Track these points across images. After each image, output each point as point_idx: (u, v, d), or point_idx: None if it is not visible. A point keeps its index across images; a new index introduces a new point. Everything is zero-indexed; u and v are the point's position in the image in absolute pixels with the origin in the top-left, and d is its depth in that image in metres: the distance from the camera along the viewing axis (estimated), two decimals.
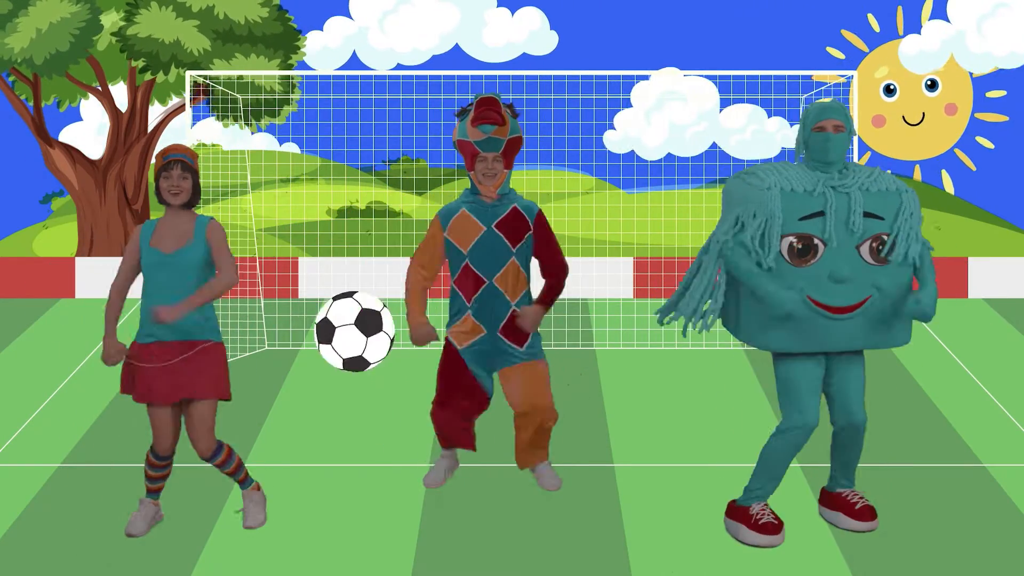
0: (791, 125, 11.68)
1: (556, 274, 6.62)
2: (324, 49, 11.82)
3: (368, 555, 5.96)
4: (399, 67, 11.79)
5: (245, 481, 6.35)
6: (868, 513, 6.22)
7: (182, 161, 6.06)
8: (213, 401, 6.10)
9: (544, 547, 6.05)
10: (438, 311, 6.87)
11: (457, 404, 6.72)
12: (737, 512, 6.20)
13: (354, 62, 11.81)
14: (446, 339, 6.71)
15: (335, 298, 7.95)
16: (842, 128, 5.92)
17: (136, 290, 6.17)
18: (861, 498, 6.27)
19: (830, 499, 6.38)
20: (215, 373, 6.09)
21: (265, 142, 11.86)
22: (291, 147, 11.80)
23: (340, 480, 6.95)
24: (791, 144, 11.67)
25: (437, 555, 5.96)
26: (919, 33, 11.59)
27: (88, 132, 11.87)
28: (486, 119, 6.43)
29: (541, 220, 6.60)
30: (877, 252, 5.84)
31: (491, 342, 6.62)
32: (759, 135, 11.66)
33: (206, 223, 6.09)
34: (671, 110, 11.66)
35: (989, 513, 6.47)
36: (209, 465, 6.34)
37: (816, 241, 5.80)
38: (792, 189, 5.83)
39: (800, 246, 5.80)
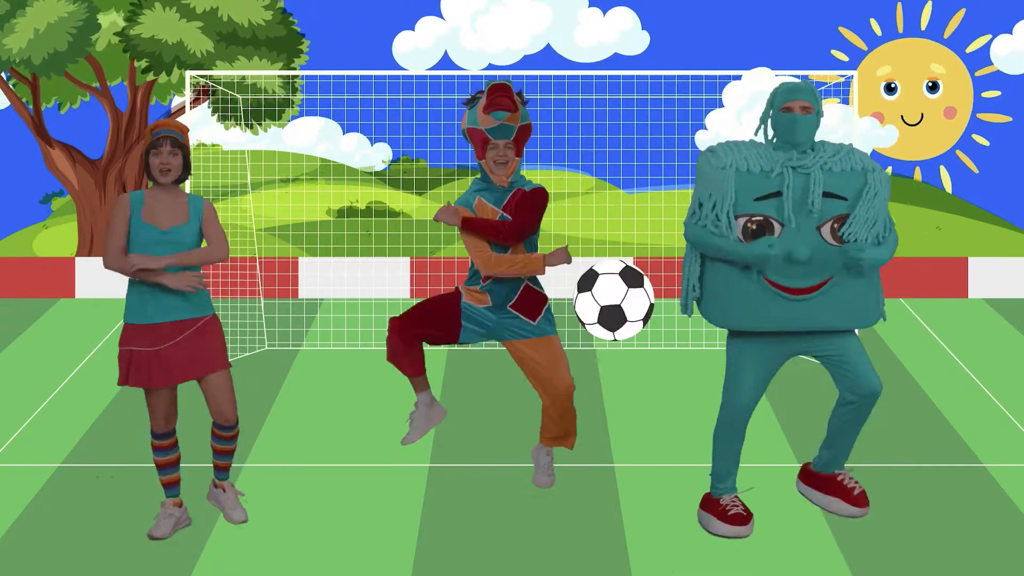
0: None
1: (508, 227, 6.49)
2: (415, 49, 11.77)
3: (368, 555, 5.96)
4: (490, 67, 11.76)
5: (227, 471, 6.35)
6: (864, 499, 6.24)
7: (172, 137, 5.94)
8: (227, 370, 6.14)
9: (544, 547, 6.05)
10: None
11: (422, 332, 6.52)
12: (709, 503, 6.23)
13: (445, 62, 11.77)
14: (457, 288, 6.66)
15: (579, 289, 7.19)
16: (810, 109, 5.82)
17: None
18: (856, 482, 6.26)
19: (823, 482, 6.34)
20: (220, 344, 6.12)
21: (356, 143, 11.79)
22: (384, 148, 11.76)
23: (340, 480, 6.95)
24: (884, 144, 11.72)
25: (437, 555, 5.96)
26: (1011, 33, 11.56)
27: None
28: (499, 105, 6.37)
29: (524, 194, 6.54)
30: (838, 233, 5.74)
31: (496, 314, 6.58)
32: (851, 135, 11.67)
33: (201, 204, 6.02)
34: (762, 110, 11.66)
35: (989, 513, 6.47)
36: (209, 466, 6.33)
37: (772, 222, 5.72)
38: (748, 169, 5.74)
39: (754, 227, 5.72)
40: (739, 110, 11.71)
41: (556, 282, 10.67)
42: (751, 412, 6.07)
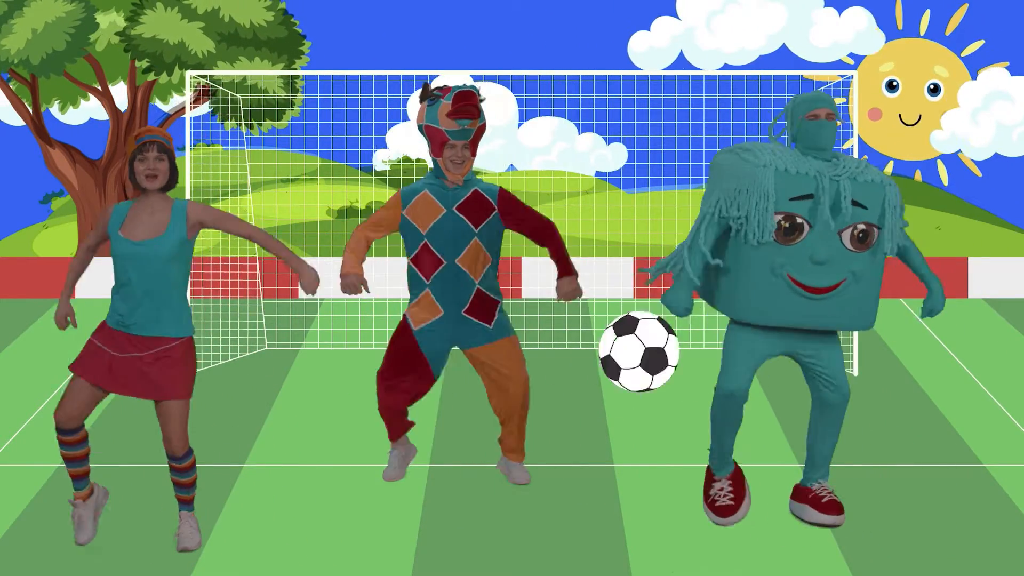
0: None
1: (548, 235, 6.67)
2: (651, 49, 11.75)
3: (368, 555, 5.96)
4: (726, 67, 11.74)
5: (190, 504, 6.08)
6: (835, 507, 6.27)
7: (158, 142, 5.85)
8: (183, 401, 5.91)
9: (544, 547, 6.05)
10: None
11: (404, 385, 6.73)
12: (706, 484, 6.49)
13: (681, 62, 11.75)
14: (404, 316, 6.72)
15: (617, 333, 7.01)
16: (833, 116, 6.08)
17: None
18: (830, 493, 6.34)
19: (801, 493, 6.46)
20: (183, 372, 5.89)
21: (591, 143, 11.73)
22: (619, 148, 11.69)
23: (340, 480, 6.95)
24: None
25: (437, 555, 5.96)
26: None
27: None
28: (466, 114, 6.46)
29: (505, 196, 6.64)
30: (858, 239, 5.97)
31: (451, 323, 6.63)
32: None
33: (184, 207, 5.87)
34: (998, 110, 11.65)
35: (989, 513, 6.47)
36: (189, 465, 6.21)
37: (801, 221, 5.91)
38: (786, 169, 5.94)
39: (787, 225, 5.92)
40: (975, 110, 11.73)
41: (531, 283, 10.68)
42: (744, 400, 6.23)
